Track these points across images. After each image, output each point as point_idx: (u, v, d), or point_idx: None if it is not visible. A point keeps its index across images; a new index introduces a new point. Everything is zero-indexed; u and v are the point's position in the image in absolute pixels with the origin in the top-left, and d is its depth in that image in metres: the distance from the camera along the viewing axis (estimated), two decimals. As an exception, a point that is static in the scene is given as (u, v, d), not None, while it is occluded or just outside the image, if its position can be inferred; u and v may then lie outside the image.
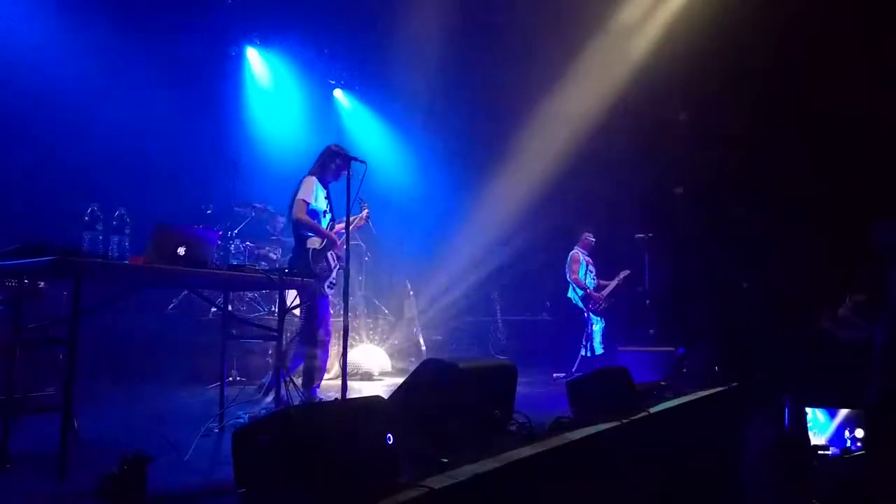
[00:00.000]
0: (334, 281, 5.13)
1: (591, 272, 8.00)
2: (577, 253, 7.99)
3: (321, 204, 5.06)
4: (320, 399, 4.86)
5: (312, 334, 4.93)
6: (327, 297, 5.09)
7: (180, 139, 8.48)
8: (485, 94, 9.80)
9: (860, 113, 7.56)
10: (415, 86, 9.30)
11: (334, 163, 5.05)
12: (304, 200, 4.94)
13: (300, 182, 5.05)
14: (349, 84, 10.95)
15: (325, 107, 10.65)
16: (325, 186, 5.13)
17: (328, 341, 5.13)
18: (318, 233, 5.00)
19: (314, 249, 4.94)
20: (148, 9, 7.72)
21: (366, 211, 5.45)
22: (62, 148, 6.64)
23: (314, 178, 5.05)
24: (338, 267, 5.09)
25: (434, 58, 9.06)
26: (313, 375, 4.92)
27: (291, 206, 5.01)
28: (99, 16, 7.10)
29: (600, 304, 7.79)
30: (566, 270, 7.94)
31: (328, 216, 5.14)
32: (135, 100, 7.49)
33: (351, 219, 5.11)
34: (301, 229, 5.00)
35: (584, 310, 7.78)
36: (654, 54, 9.05)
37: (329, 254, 5.04)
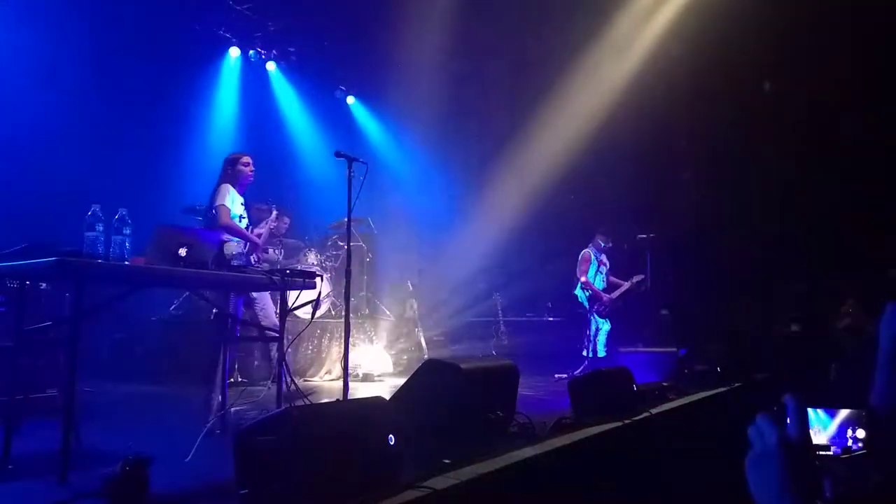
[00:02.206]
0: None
1: (602, 273, 7.89)
2: (588, 252, 7.88)
3: (238, 209, 5.09)
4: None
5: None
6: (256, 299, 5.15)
7: (182, 140, 8.49)
8: (489, 95, 9.80)
9: (865, 116, 7.57)
10: (418, 88, 9.30)
11: (240, 165, 5.12)
12: (225, 206, 4.93)
13: (215, 190, 5.05)
14: (350, 84, 10.96)
15: (326, 107, 10.66)
16: (241, 193, 5.17)
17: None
18: (244, 237, 5.03)
19: (235, 253, 4.94)
20: (153, 10, 7.73)
21: (274, 213, 5.58)
22: (63, 149, 6.65)
23: (229, 185, 5.07)
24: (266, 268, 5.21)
25: (439, 62, 9.08)
26: None
27: (213, 215, 5.02)
28: (103, 17, 7.11)
29: (606, 307, 7.73)
30: (577, 269, 7.89)
31: (244, 221, 5.17)
32: (137, 101, 7.50)
33: (267, 224, 5.33)
34: (224, 235, 4.97)
35: (589, 310, 7.74)
36: (654, 56, 9.06)
37: (252, 258, 5.06)
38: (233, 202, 5.03)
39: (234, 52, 9.56)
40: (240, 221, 5.10)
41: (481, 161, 10.08)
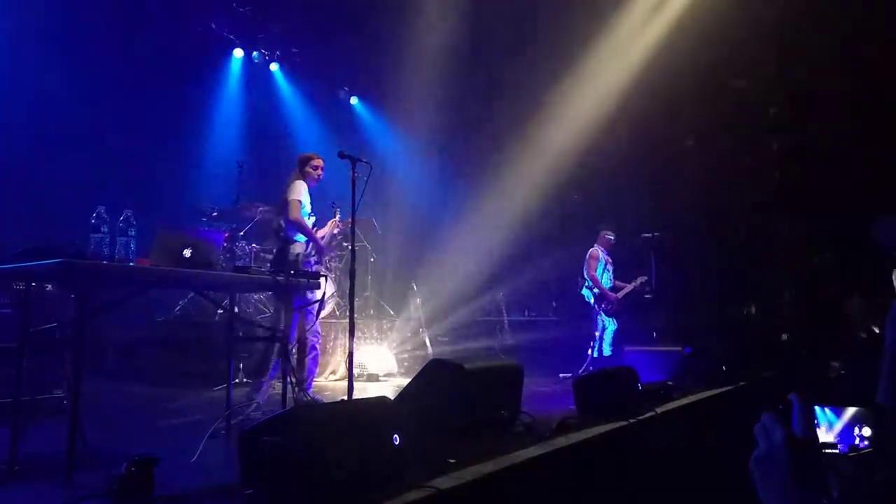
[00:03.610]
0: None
1: (609, 271, 7.92)
2: (597, 250, 7.90)
3: (308, 207, 5.12)
4: (314, 397, 4.89)
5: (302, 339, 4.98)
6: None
7: (186, 141, 8.51)
8: (491, 96, 9.79)
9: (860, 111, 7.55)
10: (422, 89, 9.30)
11: (309, 167, 5.18)
12: (298, 201, 4.96)
13: (289, 185, 5.08)
14: (353, 85, 10.96)
15: (330, 108, 10.67)
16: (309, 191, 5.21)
17: (317, 342, 5.23)
18: (311, 238, 5.01)
19: (301, 254, 4.95)
20: (154, 10, 7.76)
21: (338, 215, 5.56)
22: (68, 150, 6.67)
23: (303, 182, 5.11)
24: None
25: (442, 62, 9.07)
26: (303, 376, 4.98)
27: (284, 209, 5.03)
28: (107, 18, 7.14)
29: (613, 305, 7.74)
30: (584, 267, 7.87)
31: (313, 218, 5.20)
32: (141, 102, 7.52)
33: (332, 224, 5.28)
34: (293, 232, 5.00)
35: (597, 309, 7.71)
36: (656, 55, 9.04)
37: (312, 259, 5.05)
38: (305, 199, 5.06)
39: (238, 53, 9.59)
40: (308, 219, 5.13)
41: (485, 160, 10.07)
